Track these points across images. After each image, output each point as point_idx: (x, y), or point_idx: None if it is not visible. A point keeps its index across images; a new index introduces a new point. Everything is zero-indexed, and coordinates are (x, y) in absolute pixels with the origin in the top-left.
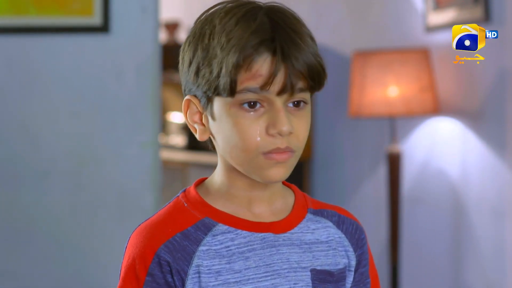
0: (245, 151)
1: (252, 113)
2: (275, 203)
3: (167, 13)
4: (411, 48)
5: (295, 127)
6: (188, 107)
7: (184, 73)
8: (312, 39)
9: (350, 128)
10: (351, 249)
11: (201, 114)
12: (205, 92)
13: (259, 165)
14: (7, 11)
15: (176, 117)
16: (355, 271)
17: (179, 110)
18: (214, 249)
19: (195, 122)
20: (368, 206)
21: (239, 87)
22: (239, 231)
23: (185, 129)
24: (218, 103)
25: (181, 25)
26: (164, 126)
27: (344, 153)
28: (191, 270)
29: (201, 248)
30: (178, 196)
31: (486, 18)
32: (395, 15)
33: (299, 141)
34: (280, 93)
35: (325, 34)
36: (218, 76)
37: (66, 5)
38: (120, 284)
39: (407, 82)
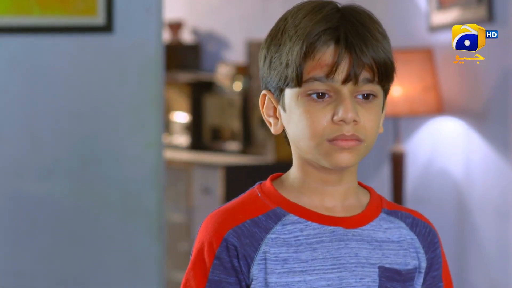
0: (311, 138)
1: (320, 102)
2: (348, 199)
3: (170, 13)
4: (414, 48)
5: (361, 117)
6: (264, 101)
7: (261, 68)
8: (384, 36)
9: None
10: (422, 251)
11: (275, 108)
12: (277, 84)
13: (325, 151)
14: (11, 11)
15: (179, 117)
16: (427, 273)
17: (183, 110)
18: (283, 238)
19: (270, 116)
20: None
21: (306, 76)
22: (309, 222)
23: (189, 128)
24: (288, 94)
25: (184, 25)
26: (167, 126)
27: None
28: (258, 256)
29: (269, 235)
30: (254, 187)
31: (489, 18)
32: (398, 15)
33: (366, 131)
34: (344, 82)
35: None
36: (287, 66)
37: (69, 5)
38: (190, 267)
39: (410, 82)
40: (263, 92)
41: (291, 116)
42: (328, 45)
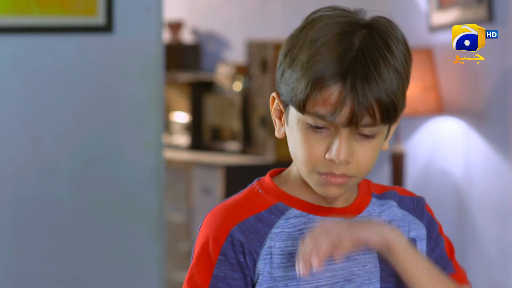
0: (304, 166)
1: (318, 133)
2: (347, 193)
3: (170, 13)
4: (414, 48)
5: (356, 154)
6: (273, 102)
7: (276, 68)
8: (397, 71)
9: None
10: (418, 221)
11: (282, 112)
12: (284, 98)
13: (315, 181)
14: (11, 11)
15: (179, 117)
16: (429, 237)
17: (183, 110)
18: (287, 232)
19: (277, 118)
20: None
21: (310, 109)
22: (311, 215)
23: (189, 128)
24: (292, 112)
25: (184, 25)
26: (167, 126)
27: None
28: (263, 251)
29: (274, 230)
30: (253, 183)
31: (489, 18)
32: (398, 14)
33: (358, 168)
34: (344, 125)
35: None
36: (293, 90)
37: (69, 5)
38: (194, 262)
39: (410, 82)
40: (273, 94)
41: (291, 133)
42: (335, 83)
